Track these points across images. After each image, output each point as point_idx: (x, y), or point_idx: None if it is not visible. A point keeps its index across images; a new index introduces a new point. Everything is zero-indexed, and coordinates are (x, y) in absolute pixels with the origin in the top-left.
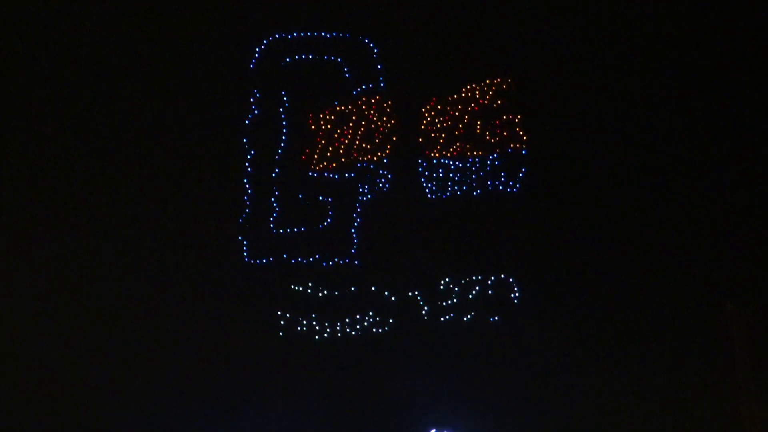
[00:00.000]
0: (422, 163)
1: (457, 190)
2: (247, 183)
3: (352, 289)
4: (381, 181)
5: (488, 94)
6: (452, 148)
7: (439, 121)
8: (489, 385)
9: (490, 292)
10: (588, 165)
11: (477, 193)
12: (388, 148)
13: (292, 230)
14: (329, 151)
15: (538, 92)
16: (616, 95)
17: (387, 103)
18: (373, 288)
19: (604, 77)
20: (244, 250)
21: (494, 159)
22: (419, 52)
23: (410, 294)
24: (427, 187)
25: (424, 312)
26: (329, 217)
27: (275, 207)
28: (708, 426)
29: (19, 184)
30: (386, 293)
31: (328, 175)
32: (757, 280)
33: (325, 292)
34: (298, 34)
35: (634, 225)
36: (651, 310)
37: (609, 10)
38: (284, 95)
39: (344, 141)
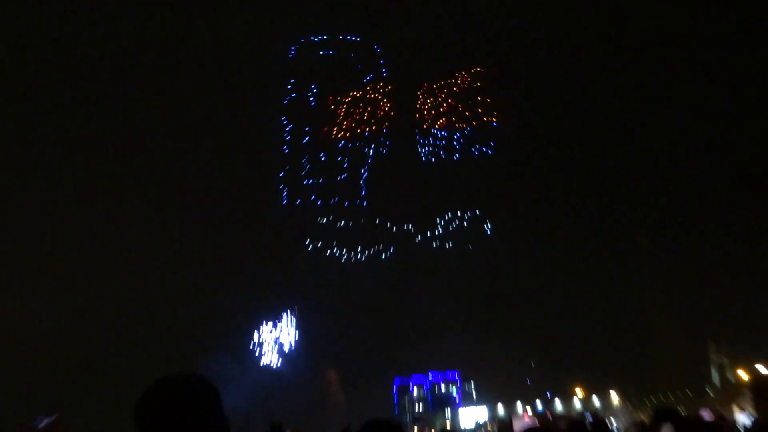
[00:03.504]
0: (418, 131)
1: (443, 153)
2: (285, 148)
3: (362, 221)
4: (383, 146)
5: (467, 81)
6: (440, 121)
7: (431, 101)
8: (469, 301)
9: (465, 225)
10: (546, 135)
11: (457, 156)
12: (388, 122)
13: (318, 181)
14: (345, 125)
15: (507, 78)
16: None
17: (388, 88)
18: (377, 221)
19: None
20: (284, 195)
21: (471, 130)
22: (414, 50)
23: (405, 227)
24: (421, 151)
25: (417, 240)
26: (345, 171)
27: (306, 165)
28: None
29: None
30: (388, 224)
31: (345, 142)
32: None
33: (342, 223)
34: (323, 36)
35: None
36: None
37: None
38: (312, 82)
39: (356, 117)
